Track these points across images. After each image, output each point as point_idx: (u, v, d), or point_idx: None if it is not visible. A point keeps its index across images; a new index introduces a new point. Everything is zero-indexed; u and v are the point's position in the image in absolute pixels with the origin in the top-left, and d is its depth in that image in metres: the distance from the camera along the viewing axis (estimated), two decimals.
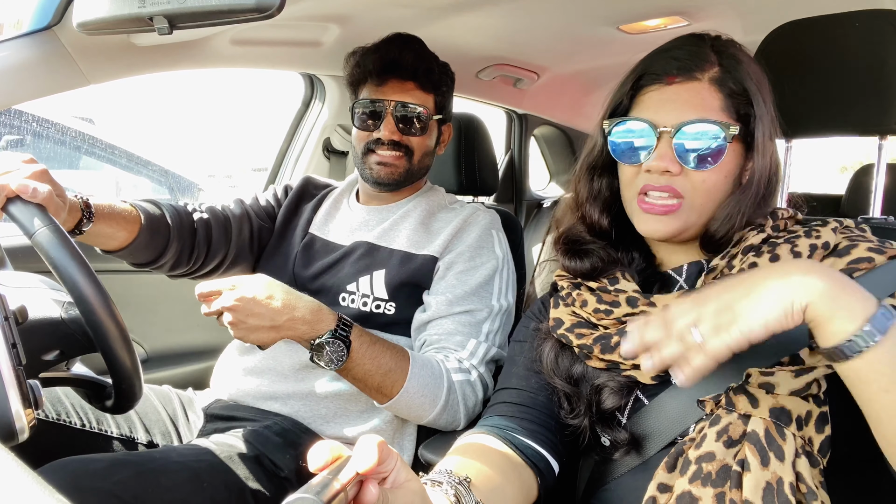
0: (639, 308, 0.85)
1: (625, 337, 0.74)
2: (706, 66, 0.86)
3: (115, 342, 0.85)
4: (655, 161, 0.85)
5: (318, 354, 1.13)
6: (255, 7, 0.76)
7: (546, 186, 3.30)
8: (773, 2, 1.55)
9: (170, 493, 1.01)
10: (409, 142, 1.39)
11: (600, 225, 0.96)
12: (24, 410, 0.70)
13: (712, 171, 0.85)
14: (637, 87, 0.90)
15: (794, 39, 1.13)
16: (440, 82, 1.44)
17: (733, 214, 0.85)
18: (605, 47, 1.95)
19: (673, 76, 0.87)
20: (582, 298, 0.91)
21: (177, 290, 1.73)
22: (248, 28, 1.45)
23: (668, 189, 0.85)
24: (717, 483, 0.73)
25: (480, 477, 0.79)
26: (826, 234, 0.80)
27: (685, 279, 0.91)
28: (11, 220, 0.89)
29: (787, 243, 0.81)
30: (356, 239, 1.41)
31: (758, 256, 0.81)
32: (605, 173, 0.96)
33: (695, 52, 0.87)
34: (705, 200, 0.86)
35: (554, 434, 0.92)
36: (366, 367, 1.16)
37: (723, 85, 0.86)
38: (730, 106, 0.86)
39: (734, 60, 0.87)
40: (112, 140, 2.64)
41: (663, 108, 0.86)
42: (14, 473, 0.40)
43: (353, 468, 0.53)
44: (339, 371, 1.15)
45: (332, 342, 1.12)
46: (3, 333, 0.70)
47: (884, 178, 1.18)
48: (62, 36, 1.19)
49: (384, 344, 1.19)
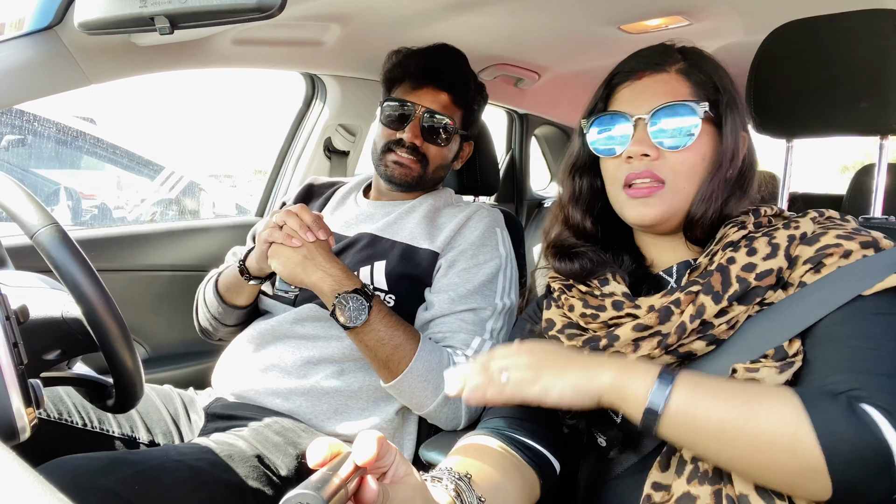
0: (624, 311, 0.86)
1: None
2: (672, 61, 0.92)
3: (116, 341, 0.86)
4: (634, 146, 0.88)
5: (342, 308, 1.17)
6: (257, 7, 0.76)
7: (547, 186, 3.31)
8: (775, 1, 1.55)
9: (170, 492, 1.01)
10: (427, 150, 1.41)
11: (584, 227, 0.98)
12: (26, 409, 0.71)
13: (689, 152, 0.87)
14: (611, 87, 0.95)
15: (795, 39, 1.13)
16: (473, 100, 1.47)
17: (707, 195, 0.87)
18: (606, 47, 1.95)
19: (642, 71, 0.92)
20: (569, 303, 0.93)
21: (178, 289, 1.74)
22: (249, 28, 1.45)
23: (649, 174, 0.88)
24: (713, 480, 0.74)
25: (482, 475, 0.79)
26: (805, 225, 0.82)
27: (675, 279, 0.92)
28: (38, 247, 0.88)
29: (764, 236, 0.82)
30: (360, 230, 1.42)
31: (735, 251, 0.82)
32: (585, 173, 0.99)
33: (662, 51, 0.94)
34: (686, 183, 0.88)
35: (555, 433, 0.92)
36: (380, 335, 1.18)
37: (689, 74, 0.91)
38: (698, 93, 0.90)
39: (698, 55, 0.93)
40: (113, 140, 2.64)
41: (636, 100, 0.91)
42: (15, 472, 0.40)
43: (352, 463, 0.53)
44: (355, 332, 1.18)
45: (356, 298, 1.17)
46: (5, 332, 0.70)
47: (885, 178, 1.18)
48: (63, 36, 1.19)
49: (399, 318, 1.22)
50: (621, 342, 0.84)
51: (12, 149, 2.21)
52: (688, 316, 0.80)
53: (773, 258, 0.80)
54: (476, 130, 1.54)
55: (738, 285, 0.79)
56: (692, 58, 0.92)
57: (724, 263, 0.81)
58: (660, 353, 0.82)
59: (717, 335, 0.80)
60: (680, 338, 0.80)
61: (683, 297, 0.81)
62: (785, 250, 0.80)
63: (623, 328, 0.84)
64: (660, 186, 0.88)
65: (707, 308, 0.79)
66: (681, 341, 0.81)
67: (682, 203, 0.89)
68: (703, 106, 0.87)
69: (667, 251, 0.95)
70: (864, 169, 2.17)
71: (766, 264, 0.79)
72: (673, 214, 0.89)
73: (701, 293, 0.80)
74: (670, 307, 0.81)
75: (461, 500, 0.72)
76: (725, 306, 0.79)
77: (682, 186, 0.88)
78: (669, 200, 0.88)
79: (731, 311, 0.79)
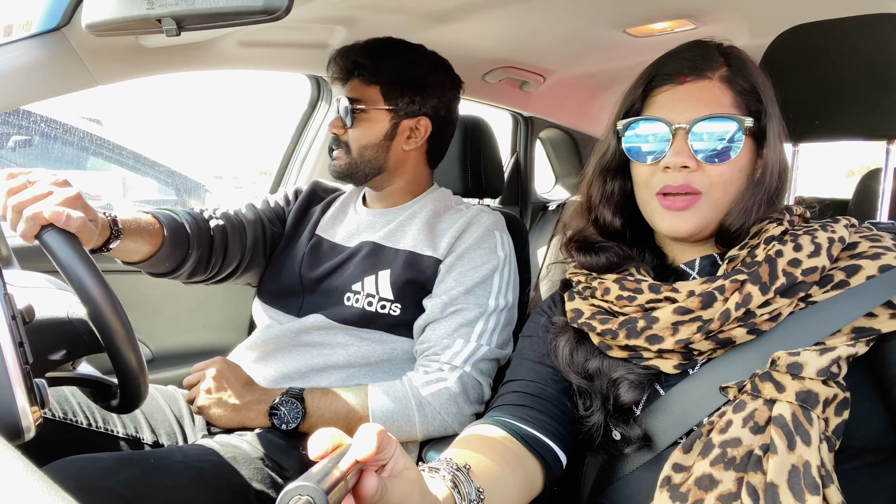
0: (662, 294, 0.86)
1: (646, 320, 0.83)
2: (715, 65, 0.89)
3: (121, 342, 0.86)
4: (673, 157, 0.86)
5: (277, 416, 1.22)
6: (263, 9, 0.77)
7: (551, 189, 3.30)
8: (780, 6, 1.55)
9: (174, 493, 1.01)
10: (343, 135, 1.41)
11: (613, 226, 0.98)
12: (31, 409, 0.71)
13: (728, 165, 0.87)
14: (649, 89, 0.92)
15: (800, 43, 1.12)
16: (385, 72, 1.38)
17: (748, 208, 0.87)
18: (612, 50, 1.95)
19: (685, 76, 0.89)
20: (604, 287, 0.92)
21: (183, 290, 1.74)
22: (255, 30, 1.45)
23: (686, 187, 0.87)
24: (739, 467, 0.73)
25: (482, 466, 0.78)
26: (840, 230, 0.84)
27: (698, 271, 0.92)
28: (44, 248, 0.88)
29: (807, 234, 0.83)
30: (362, 239, 1.41)
31: (782, 245, 0.83)
32: (617, 175, 0.98)
33: (704, 54, 0.90)
34: (722, 195, 0.88)
35: (562, 425, 0.92)
36: (325, 417, 1.22)
37: (733, 83, 0.88)
38: (741, 103, 0.88)
39: (741, 61, 0.91)
40: (119, 141, 2.65)
41: (677, 107, 0.88)
42: (20, 471, 0.40)
43: (352, 456, 0.54)
44: (302, 429, 1.22)
45: (287, 401, 1.22)
46: (11, 332, 0.70)
47: (891, 183, 1.17)
48: (71, 37, 1.20)
49: (335, 393, 1.24)
50: (660, 325, 0.84)
51: (19, 149, 2.22)
52: (733, 303, 0.80)
53: (817, 256, 0.81)
54: (416, 103, 1.41)
55: (784, 279, 0.80)
56: (735, 63, 0.90)
57: (772, 255, 0.82)
58: (700, 337, 0.82)
59: (757, 324, 0.80)
60: (723, 324, 0.80)
61: (728, 285, 0.82)
62: (827, 251, 0.81)
63: (663, 310, 0.84)
64: (695, 199, 0.87)
65: (754, 298, 0.80)
66: (722, 328, 0.81)
67: (715, 214, 0.88)
68: (747, 120, 0.86)
69: (690, 252, 0.95)
70: (870, 173, 2.15)
71: (811, 262, 0.80)
72: (706, 226, 0.89)
73: (748, 282, 0.81)
74: (714, 293, 0.82)
75: (458, 491, 0.71)
76: (770, 297, 0.80)
77: (718, 198, 0.88)
78: (704, 212, 0.88)
79: (775, 303, 0.80)
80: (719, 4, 1.58)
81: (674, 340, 0.83)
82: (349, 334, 1.33)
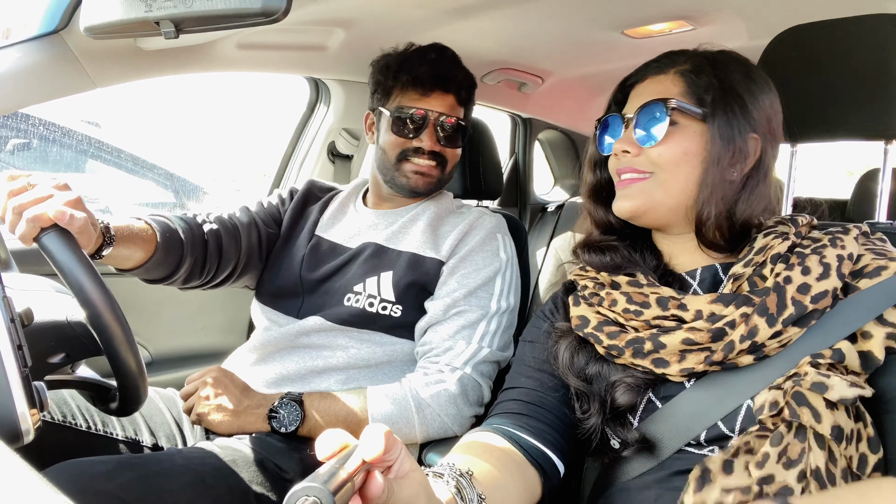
0: (669, 311, 0.85)
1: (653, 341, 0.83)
2: (678, 62, 0.94)
3: (120, 345, 0.86)
4: (616, 144, 0.94)
5: (276, 420, 1.22)
6: (261, 11, 0.77)
7: (550, 191, 3.30)
8: (778, 6, 1.55)
9: (173, 497, 1.01)
10: (445, 153, 1.42)
11: (608, 220, 1.01)
12: (30, 412, 0.71)
13: (664, 146, 0.89)
14: (625, 91, 1.00)
15: (798, 44, 1.13)
16: (470, 96, 1.47)
17: (707, 196, 0.88)
18: (610, 52, 1.95)
19: (648, 74, 0.96)
20: (611, 298, 0.92)
21: (181, 293, 1.73)
22: (253, 32, 1.45)
23: (630, 169, 0.92)
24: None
25: (483, 472, 0.78)
26: (850, 245, 0.82)
27: (699, 283, 0.92)
28: (43, 251, 0.88)
29: (814, 254, 0.82)
30: (364, 240, 1.41)
31: (789, 270, 0.81)
32: (597, 168, 1.03)
33: (672, 55, 0.96)
34: (669, 177, 0.90)
35: (560, 434, 0.92)
36: (324, 420, 1.22)
37: (686, 75, 0.92)
38: (690, 92, 0.90)
39: (708, 59, 0.93)
40: (118, 143, 2.65)
41: (633, 102, 0.95)
42: (19, 474, 0.40)
43: (359, 457, 0.54)
44: (301, 433, 1.22)
45: (286, 405, 1.23)
46: (10, 335, 0.70)
47: (889, 183, 1.18)
48: (69, 40, 1.20)
49: (335, 396, 1.24)
50: (667, 351, 0.83)
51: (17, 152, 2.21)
52: (738, 335, 0.79)
53: (826, 279, 0.79)
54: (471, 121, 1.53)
55: (793, 308, 0.78)
56: (696, 60, 0.93)
57: (780, 283, 0.80)
58: (704, 367, 0.82)
59: (766, 353, 0.80)
60: (727, 356, 0.80)
61: (738, 319, 0.80)
62: (837, 270, 0.79)
63: (671, 337, 0.83)
64: (641, 179, 0.91)
65: (760, 330, 0.78)
66: (726, 357, 0.80)
67: (664, 197, 0.90)
68: (673, 103, 0.88)
69: (682, 253, 0.95)
70: (868, 174, 2.15)
71: (821, 285, 0.79)
72: (652, 207, 0.91)
73: (755, 314, 0.79)
74: (724, 329, 0.80)
75: (461, 496, 0.71)
76: (779, 329, 0.78)
77: (664, 179, 0.90)
78: (650, 192, 0.91)
79: (786, 333, 0.79)
80: (717, 5, 1.59)
81: (679, 367, 0.83)
82: (349, 336, 1.33)
